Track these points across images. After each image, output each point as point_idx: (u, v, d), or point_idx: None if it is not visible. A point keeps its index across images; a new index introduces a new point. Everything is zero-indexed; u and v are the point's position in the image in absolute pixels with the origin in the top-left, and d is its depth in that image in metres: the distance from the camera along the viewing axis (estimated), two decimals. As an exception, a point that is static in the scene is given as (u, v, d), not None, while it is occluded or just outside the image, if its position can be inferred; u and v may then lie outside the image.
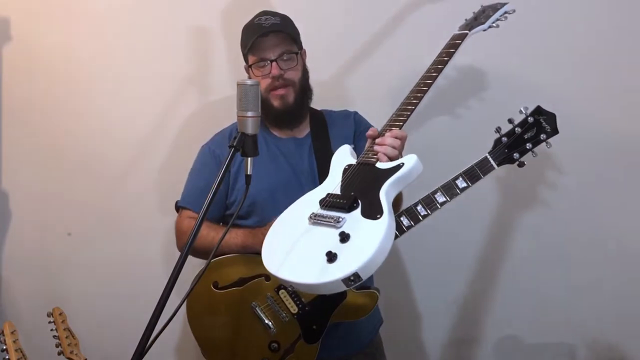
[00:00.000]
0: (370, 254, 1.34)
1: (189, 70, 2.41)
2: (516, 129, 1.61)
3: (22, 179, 2.59)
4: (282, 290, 1.73)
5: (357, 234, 1.41)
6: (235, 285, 1.77)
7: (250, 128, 1.37)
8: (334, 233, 1.42)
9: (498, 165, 1.61)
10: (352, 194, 1.51)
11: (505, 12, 1.79)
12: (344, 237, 1.40)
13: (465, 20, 1.85)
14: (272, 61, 1.78)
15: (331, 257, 1.37)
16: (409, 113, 1.65)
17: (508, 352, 2.38)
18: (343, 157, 1.68)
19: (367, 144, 1.65)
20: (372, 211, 1.43)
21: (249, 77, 1.85)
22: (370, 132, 1.66)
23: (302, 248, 1.46)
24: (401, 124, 1.64)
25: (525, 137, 1.60)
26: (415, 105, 1.66)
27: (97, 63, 2.46)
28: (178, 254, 1.28)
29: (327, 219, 1.47)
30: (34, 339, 2.21)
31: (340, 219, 1.45)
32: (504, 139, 1.61)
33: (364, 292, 1.75)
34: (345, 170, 1.61)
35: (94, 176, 2.52)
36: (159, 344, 1.26)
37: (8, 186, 2.61)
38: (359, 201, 1.48)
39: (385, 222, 1.40)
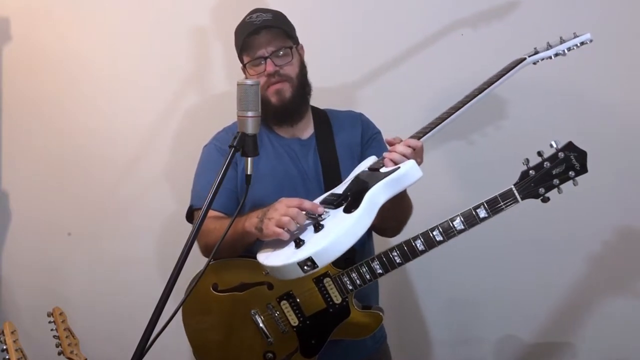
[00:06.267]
0: (326, 243, 1.38)
1: (189, 70, 2.41)
2: (545, 163, 1.54)
3: (22, 179, 2.59)
4: (284, 301, 1.69)
5: (329, 225, 1.45)
6: (235, 290, 1.72)
7: (250, 128, 1.37)
8: (313, 225, 1.47)
9: (522, 199, 1.56)
10: (348, 193, 1.53)
11: (582, 43, 1.71)
12: (318, 228, 1.45)
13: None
14: (266, 58, 1.74)
15: (298, 243, 1.43)
16: (433, 127, 1.61)
17: (508, 352, 2.38)
18: (363, 166, 1.67)
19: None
20: (351, 207, 1.45)
21: (246, 77, 1.82)
22: (390, 139, 1.62)
23: (289, 238, 1.49)
24: (421, 135, 1.59)
25: (554, 172, 1.54)
26: (443, 120, 1.61)
27: (97, 63, 2.46)
28: (178, 254, 1.27)
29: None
30: (34, 339, 2.21)
31: (325, 213, 1.49)
32: (532, 172, 1.55)
33: (368, 312, 1.70)
34: (356, 176, 1.61)
35: (94, 176, 2.52)
36: (159, 344, 1.26)
37: (8, 186, 2.61)
38: (349, 199, 1.50)
39: (354, 217, 1.42)
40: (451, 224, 1.59)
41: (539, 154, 1.56)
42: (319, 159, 1.81)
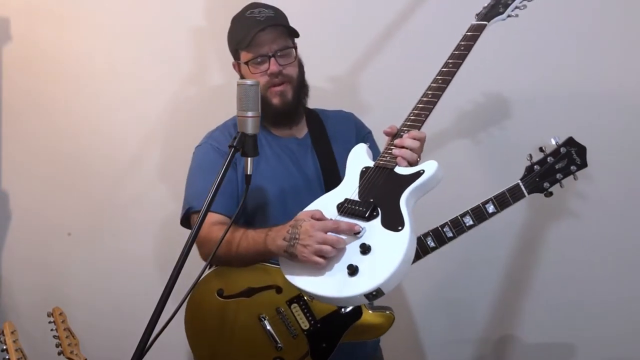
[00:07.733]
0: (393, 269, 1.30)
1: (190, 69, 2.41)
2: (548, 158, 1.60)
3: (22, 179, 2.59)
4: (295, 304, 1.65)
5: (378, 245, 1.36)
6: (242, 295, 1.67)
7: (250, 128, 1.37)
8: (354, 244, 1.38)
9: (529, 193, 1.60)
10: (371, 200, 1.43)
11: (524, 0, 1.66)
12: (365, 249, 1.36)
13: (483, 8, 1.69)
14: (270, 57, 1.68)
15: (353, 270, 1.34)
16: (427, 113, 1.53)
17: (508, 352, 2.38)
18: (359, 157, 1.57)
19: (386, 144, 1.56)
20: (393, 221, 1.37)
21: (240, 75, 1.78)
22: (388, 129, 1.55)
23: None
24: (420, 125, 1.52)
25: (556, 167, 1.60)
26: (434, 104, 1.54)
27: (97, 63, 2.46)
28: (178, 253, 1.27)
29: None
30: (34, 339, 2.21)
31: (360, 229, 1.40)
32: (536, 167, 1.60)
33: (379, 313, 1.67)
34: (362, 174, 1.51)
35: (94, 175, 2.52)
36: (159, 344, 1.26)
37: (8, 186, 2.61)
38: (379, 209, 1.41)
39: (407, 234, 1.34)
40: (461, 220, 1.62)
41: (541, 149, 1.61)
42: (317, 159, 1.79)
